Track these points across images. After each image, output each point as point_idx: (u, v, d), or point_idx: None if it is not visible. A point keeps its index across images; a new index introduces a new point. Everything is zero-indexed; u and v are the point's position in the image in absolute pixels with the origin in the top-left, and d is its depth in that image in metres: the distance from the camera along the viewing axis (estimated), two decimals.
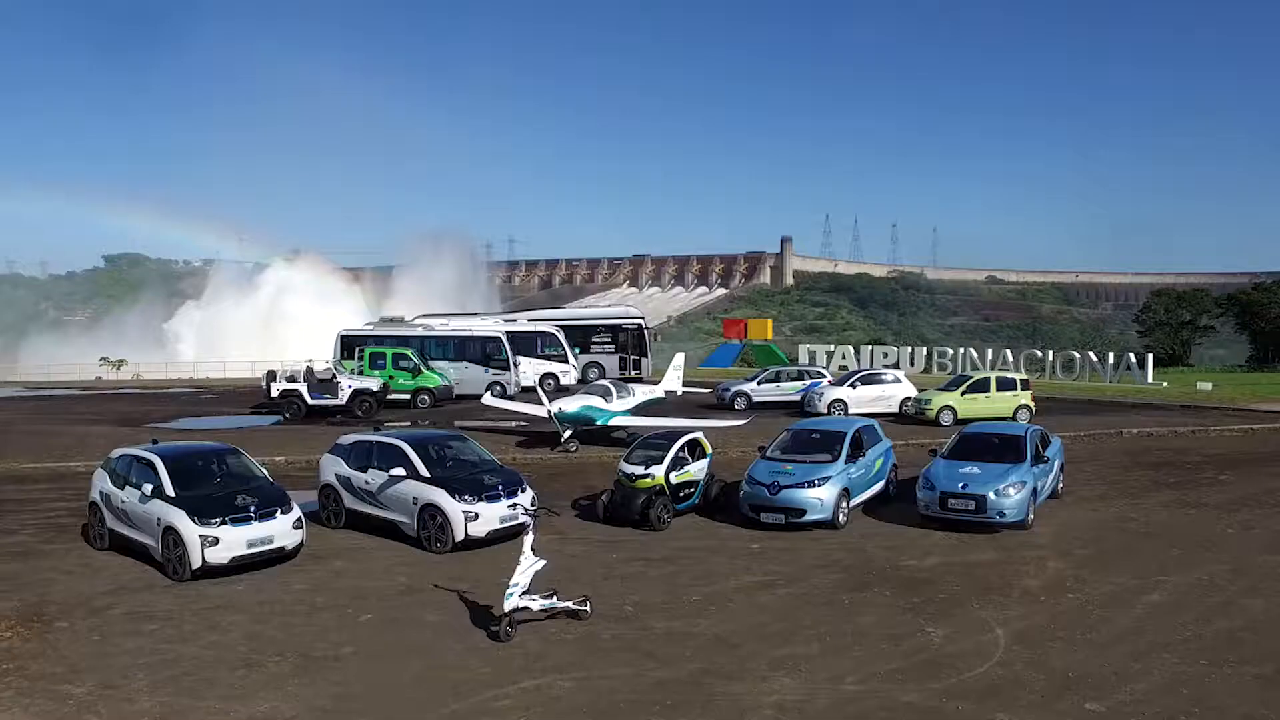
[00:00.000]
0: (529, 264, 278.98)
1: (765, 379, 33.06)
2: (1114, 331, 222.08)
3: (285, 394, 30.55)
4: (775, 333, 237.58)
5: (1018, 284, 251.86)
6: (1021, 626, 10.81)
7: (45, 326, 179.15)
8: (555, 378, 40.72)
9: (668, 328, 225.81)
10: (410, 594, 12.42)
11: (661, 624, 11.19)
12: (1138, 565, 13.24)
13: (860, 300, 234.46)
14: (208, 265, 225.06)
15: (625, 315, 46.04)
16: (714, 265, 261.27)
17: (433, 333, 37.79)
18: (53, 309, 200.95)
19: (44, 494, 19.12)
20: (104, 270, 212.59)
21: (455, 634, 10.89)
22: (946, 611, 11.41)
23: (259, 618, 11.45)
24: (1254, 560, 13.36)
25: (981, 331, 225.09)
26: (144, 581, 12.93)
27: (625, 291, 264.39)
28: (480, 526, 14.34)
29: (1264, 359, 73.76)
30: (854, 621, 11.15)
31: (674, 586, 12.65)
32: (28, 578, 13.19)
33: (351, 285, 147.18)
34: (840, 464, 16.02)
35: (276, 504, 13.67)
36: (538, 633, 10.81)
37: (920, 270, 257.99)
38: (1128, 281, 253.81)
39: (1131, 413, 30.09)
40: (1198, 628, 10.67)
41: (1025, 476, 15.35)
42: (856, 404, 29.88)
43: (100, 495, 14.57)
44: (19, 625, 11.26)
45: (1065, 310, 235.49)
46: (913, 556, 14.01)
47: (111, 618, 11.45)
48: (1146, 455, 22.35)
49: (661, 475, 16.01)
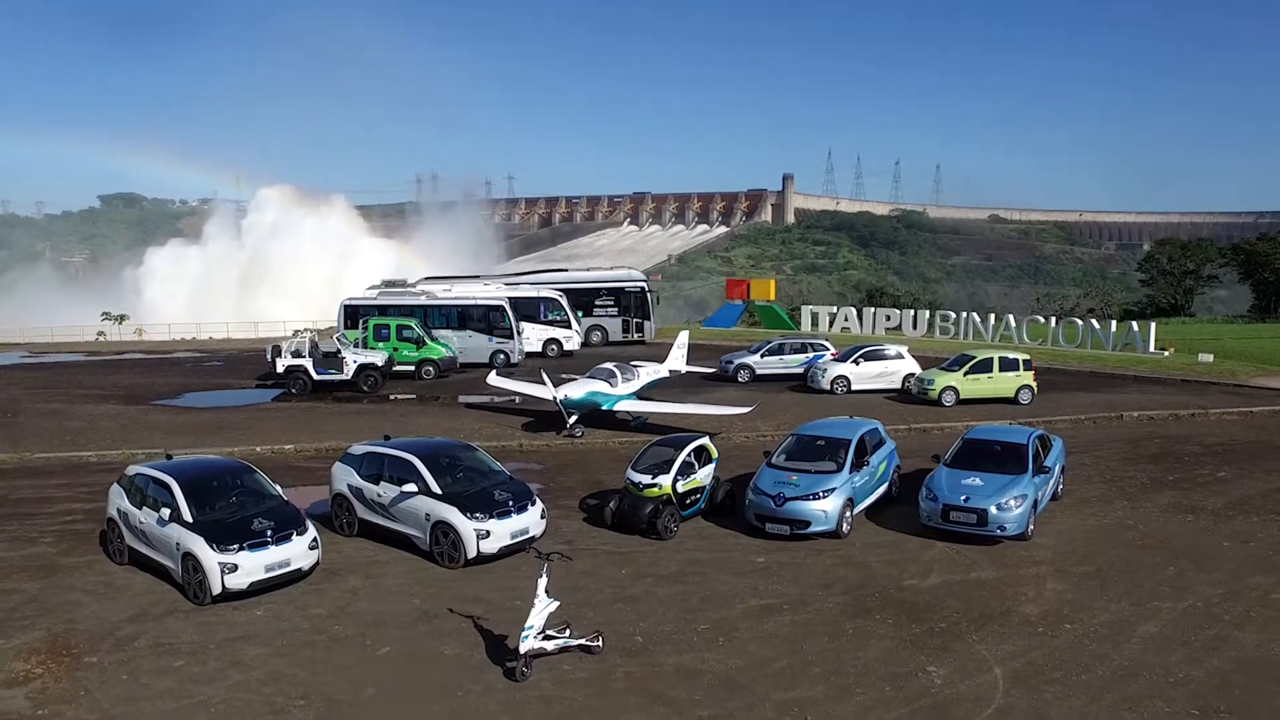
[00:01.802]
0: (529, 201, 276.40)
1: (768, 351, 33.17)
2: (1116, 272, 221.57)
3: (291, 370, 30.73)
4: (777, 271, 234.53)
5: (1020, 223, 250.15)
6: (1019, 665, 11.16)
7: (44, 268, 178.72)
8: (559, 343, 40.97)
9: (668, 266, 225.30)
10: (426, 620, 12.76)
11: (671, 659, 11.54)
12: (1134, 586, 13.57)
13: (862, 239, 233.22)
14: (205, 204, 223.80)
15: (628, 278, 46.03)
16: (715, 203, 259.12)
17: (436, 301, 37.80)
18: (50, 249, 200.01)
19: (58, 490, 19.42)
20: (100, 210, 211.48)
21: (472, 671, 11.24)
22: (947, 646, 11.75)
23: (280, 650, 11.81)
24: (1247, 583, 13.68)
25: (983, 271, 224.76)
26: (166, 605, 13.27)
27: (626, 229, 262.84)
28: (492, 543, 14.66)
29: (1266, 309, 73.81)
30: (857, 657, 11.50)
31: (683, 611, 12.99)
32: (52, 599, 13.54)
33: (352, 220, 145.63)
34: (844, 474, 16.27)
35: (292, 526, 13.95)
36: (552, 671, 11.16)
37: (923, 209, 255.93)
38: (1131, 221, 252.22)
39: (1133, 389, 30.29)
40: (1189, 669, 11.02)
41: (1026, 489, 15.62)
42: (859, 380, 30.09)
43: (118, 513, 14.84)
44: (49, 659, 11.63)
45: (1068, 250, 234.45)
46: (914, 574, 14.35)
47: (138, 651, 11.80)
48: (1146, 445, 22.61)
49: (669, 484, 16.28)
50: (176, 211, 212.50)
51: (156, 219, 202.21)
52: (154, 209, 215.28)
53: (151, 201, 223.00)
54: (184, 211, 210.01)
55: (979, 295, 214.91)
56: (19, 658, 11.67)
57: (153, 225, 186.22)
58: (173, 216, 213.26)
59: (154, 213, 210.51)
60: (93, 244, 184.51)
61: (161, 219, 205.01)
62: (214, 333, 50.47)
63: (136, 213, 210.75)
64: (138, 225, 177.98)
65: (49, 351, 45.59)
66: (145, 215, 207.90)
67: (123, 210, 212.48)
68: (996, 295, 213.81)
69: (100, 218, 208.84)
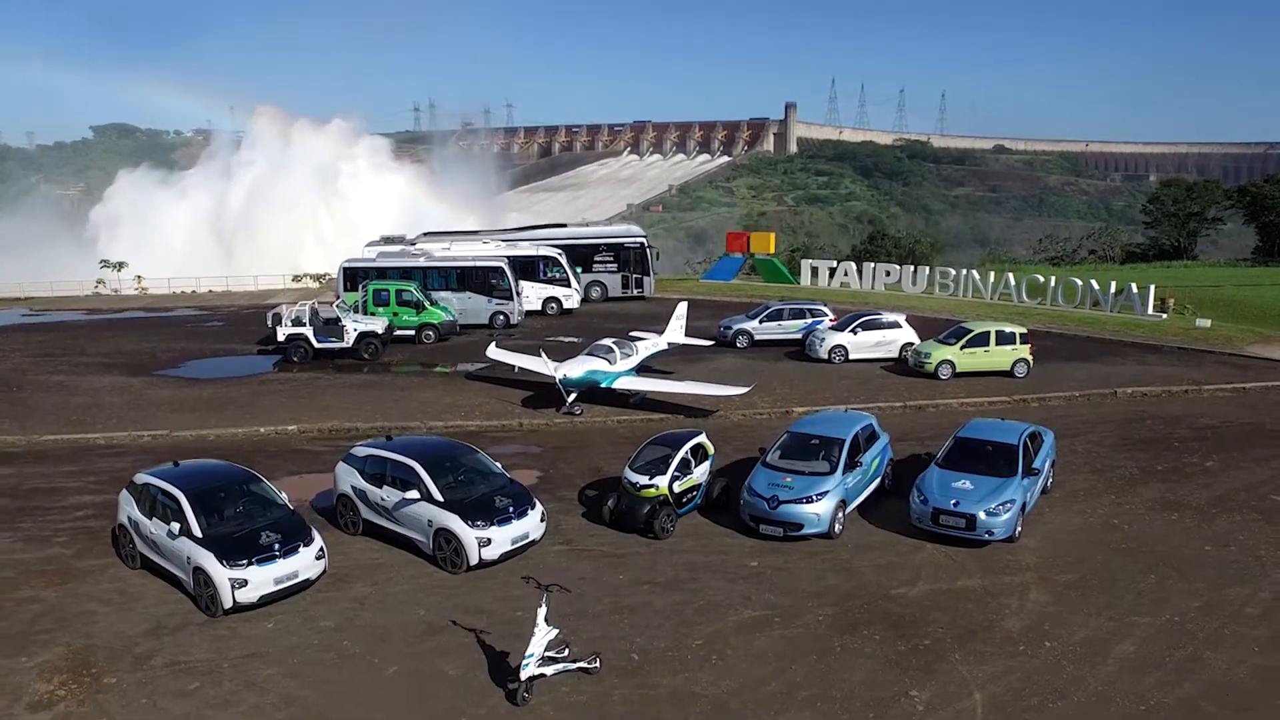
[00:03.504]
0: (528, 130, 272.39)
1: (767, 316, 33.33)
2: (1121, 204, 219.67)
3: (292, 338, 30.94)
4: (778, 202, 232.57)
5: (1025, 153, 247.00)
6: (997, 690, 11.66)
7: (38, 201, 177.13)
8: (558, 301, 41.08)
9: (669, 197, 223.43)
10: (431, 635, 13.26)
11: (666, 680, 12.05)
12: (1115, 599, 14.03)
13: (864, 169, 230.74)
14: (200, 135, 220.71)
15: (628, 233, 45.88)
16: (716, 132, 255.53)
17: (435, 263, 37.79)
18: (44, 182, 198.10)
19: (68, 480, 19.82)
20: (94, 142, 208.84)
21: (476, 694, 11.76)
22: (929, 666, 12.25)
23: (292, 670, 12.32)
24: (1223, 595, 14.15)
25: (987, 203, 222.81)
26: (180, 617, 13.76)
27: (626, 159, 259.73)
28: (493, 550, 15.12)
29: (1270, 252, 73.54)
30: (844, 679, 12.00)
31: (678, 624, 13.48)
32: (69, 609, 14.03)
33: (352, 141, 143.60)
34: (837, 475, 16.63)
35: (299, 538, 14.38)
36: (552, 694, 11.68)
37: (927, 138, 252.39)
38: (1139, 152, 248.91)
39: (1129, 359, 30.49)
40: (1160, 694, 11.52)
41: (1015, 494, 16.00)
42: (857, 349, 30.31)
43: (129, 520, 15.25)
44: (71, 679, 12.15)
45: (1073, 181, 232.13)
46: (903, 581, 14.82)
47: (155, 671, 12.30)
48: (1138, 428, 22.94)
49: (665, 485, 16.67)
50: (171, 142, 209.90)
51: (151, 150, 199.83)
52: (148, 140, 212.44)
53: (145, 132, 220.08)
54: (179, 142, 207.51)
55: (982, 227, 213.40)
56: (42, 677, 12.19)
57: (147, 157, 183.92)
58: (168, 147, 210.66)
59: (148, 144, 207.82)
60: (87, 176, 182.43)
61: (156, 150, 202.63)
62: (213, 286, 50.51)
63: (130, 143, 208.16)
64: (132, 156, 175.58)
65: (50, 309, 45.71)
66: (139, 146, 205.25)
67: (116, 141, 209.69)
68: (1000, 227, 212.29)
69: (94, 149, 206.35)
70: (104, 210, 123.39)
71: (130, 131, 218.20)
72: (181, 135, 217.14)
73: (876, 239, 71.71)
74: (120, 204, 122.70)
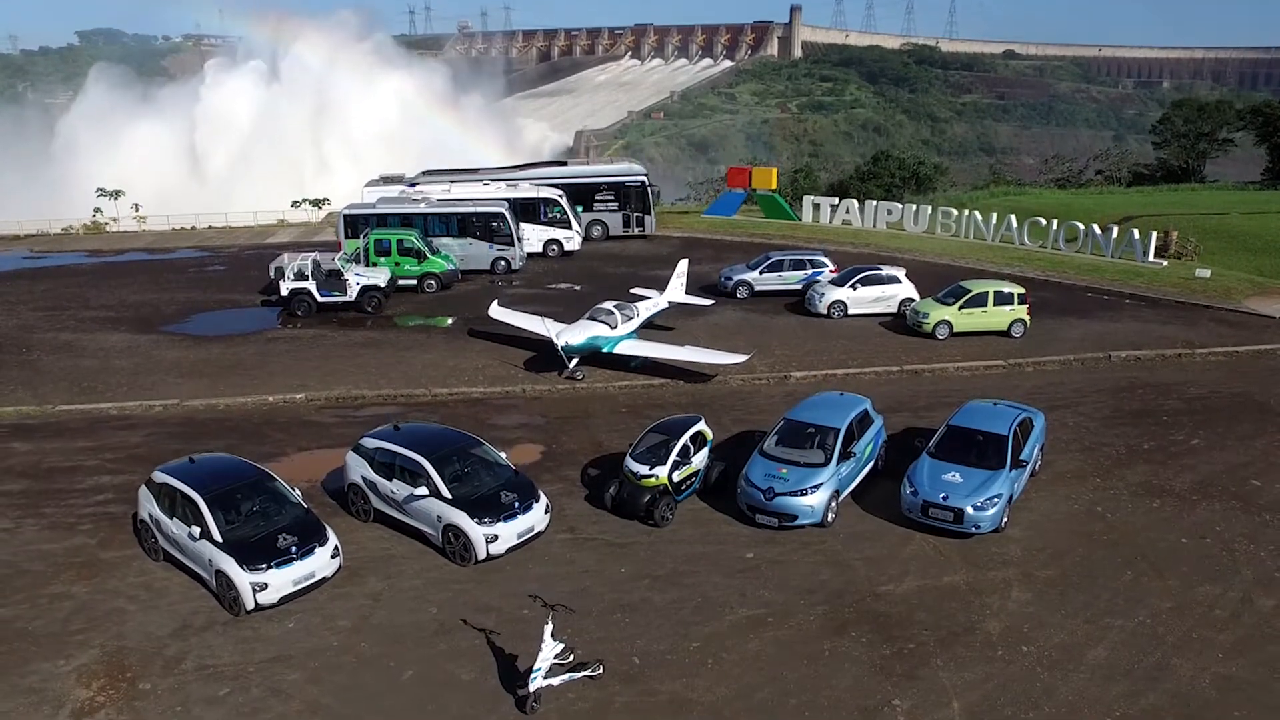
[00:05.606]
0: (526, 34, 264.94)
1: (768, 267, 33.45)
2: (1132, 112, 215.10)
3: (295, 293, 31.18)
4: (781, 109, 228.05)
5: (1036, 58, 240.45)
6: (975, 699, 12.47)
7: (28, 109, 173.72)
8: (559, 244, 41.08)
9: (670, 104, 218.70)
10: (443, 635, 14.05)
11: (665, 686, 12.88)
12: (1092, 598, 14.75)
13: (870, 75, 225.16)
14: (190, 40, 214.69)
15: (628, 172, 45.48)
16: (719, 35, 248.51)
17: (435, 209, 37.62)
18: (31, 90, 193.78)
19: (86, 457, 20.43)
20: (80, 48, 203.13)
21: (488, 702, 12.59)
22: (912, 673, 13.05)
23: (314, 675, 13.13)
24: (1195, 594, 14.86)
25: (994, 111, 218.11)
26: (205, 616, 14.53)
27: (627, 64, 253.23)
28: (500, 545, 15.85)
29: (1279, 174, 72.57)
30: (831, 685, 12.81)
31: (676, 624, 14.25)
32: (99, 607, 14.80)
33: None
34: (831, 467, 17.21)
35: (314, 538, 15.06)
36: (558, 700, 12.51)
37: (935, 42, 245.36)
38: (1153, 57, 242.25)
39: (1126, 315, 30.68)
40: (1126, 705, 12.32)
41: (1002, 488, 16.60)
42: (856, 305, 30.57)
43: (149, 517, 15.91)
44: (109, 684, 12.98)
45: (1083, 89, 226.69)
46: (891, 576, 15.54)
47: (186, 676, 13.11)
48: (1129, 398, 23.36)
49: (665, 475, 17.28)
50: (160, 49, 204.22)
51: (140, 56, 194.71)
52: (136, 45, 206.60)
53: (133, 38, 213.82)
54: (167, 49, 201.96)
55: (988, 136, 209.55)
56: (81, 683, 13.02)
57: (136, 64, 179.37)
58: (157, 54, 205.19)
59: (136, 50, 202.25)
60: (75, 84, 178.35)
61: (145, 56, 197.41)
62: (213, 221, 50.26)
63: (119, 49, 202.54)
64: (120, 63, 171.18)
65: (51, 251, 45.64)
66: (128, 52, 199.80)
67: (103, 47, 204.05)
68: (1007, 136, 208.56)
69: (81, 55, 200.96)
70: (80, 126, 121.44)
71: (117, 36, 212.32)
72: (170, 40, 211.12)
73: (880, 160, 70.57)
74: (95, 122, 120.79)
